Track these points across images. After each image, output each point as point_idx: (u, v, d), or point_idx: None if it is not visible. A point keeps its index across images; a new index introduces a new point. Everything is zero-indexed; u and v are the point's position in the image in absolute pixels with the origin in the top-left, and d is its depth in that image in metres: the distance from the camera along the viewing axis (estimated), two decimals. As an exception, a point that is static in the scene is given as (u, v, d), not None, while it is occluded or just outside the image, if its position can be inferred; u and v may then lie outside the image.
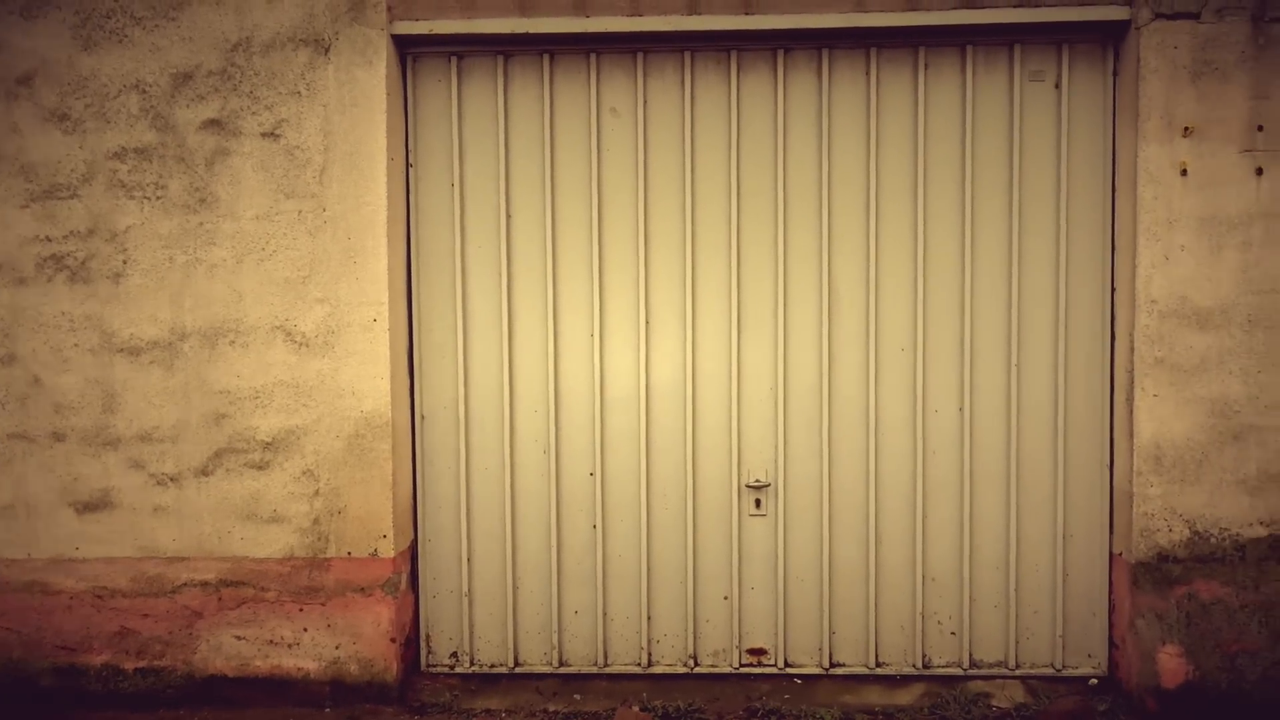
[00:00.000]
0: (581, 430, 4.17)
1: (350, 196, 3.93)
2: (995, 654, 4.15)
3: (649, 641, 4.20)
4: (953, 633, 4.15)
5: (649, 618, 4.21)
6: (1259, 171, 3.83)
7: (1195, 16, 3.83)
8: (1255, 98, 3.82)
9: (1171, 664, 3.90)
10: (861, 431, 4.12)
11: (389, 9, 4.00)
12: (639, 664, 4.20)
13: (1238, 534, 3.88)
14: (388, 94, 3.95)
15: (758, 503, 4.12)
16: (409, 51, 4.11)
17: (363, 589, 4.01)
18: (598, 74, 4.09)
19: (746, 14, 3.94)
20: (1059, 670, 4.12)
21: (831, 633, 4.17)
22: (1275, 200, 3.82)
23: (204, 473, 4.03)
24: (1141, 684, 3.89)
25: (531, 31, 3.97)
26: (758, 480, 4.12)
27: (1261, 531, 3.89)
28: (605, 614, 4.21)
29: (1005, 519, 4.12)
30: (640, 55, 4.08)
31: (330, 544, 4.00)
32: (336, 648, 4.01)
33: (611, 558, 4.20)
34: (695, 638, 4.21)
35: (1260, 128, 3.82)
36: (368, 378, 3.96)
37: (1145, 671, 3.89)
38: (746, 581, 4.18)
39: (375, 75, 3.94)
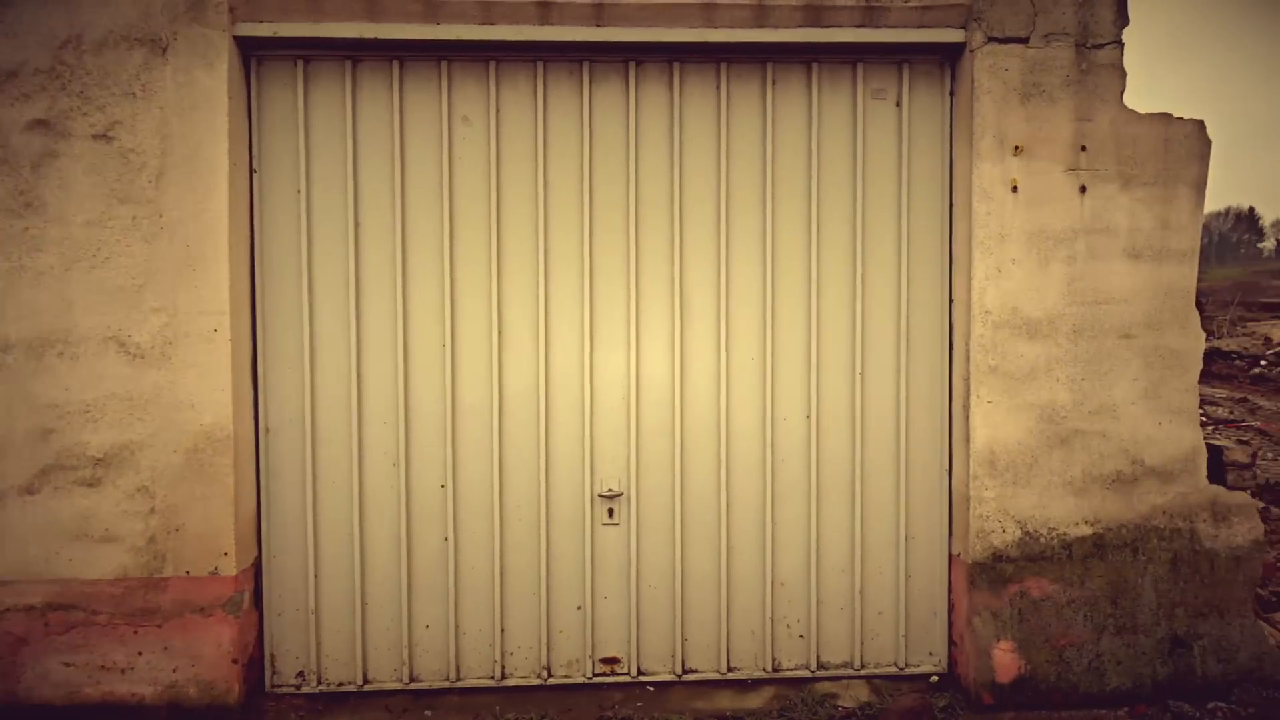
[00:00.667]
0: (433, 442, 4.37)
1: (189, 202, 4.05)
2: (842, 655, 4.53)
3: (502, 654, 4.44)
4: (801, 636, 4.52)
5: (502, 630, 4.44)
6: (1082, 190, 4.30)
7: (1024, 41, 4.28)
8: (1079, 120, 4.29)
9: (1005, 659, 4.34)
10: (713, 440, 4.44)
11: (231, 10, 4.13)
12: (492, 677, 4.43)
13: (1065, 533, 4.35)
14: (229, 97, 4.08)
15: (611, 512, 4.41)
16: (253, 54, 4.25)
17: (202, 609, 4.13)
18: (449, 82, 4.31)
19: (598, 25, 4.22)
20: (902, 669, 4.53)
21: (684, 640, 4.48)
22: (1097, 217, 4.31)
23: (29, 491, 4.08)
24: (978, 679, 4.32)
25: (380, 37, 4.16)
26: (610, 490, 4.40)
27: (1086, 530, 4.36)
28: (458, 628, 4.42)
29: (851, 523, 4.50)
30: (493, 64, 4.31)
31: (167, 563, 4.10)
32: (174, 671, 4.11)
33: (464, 570, 4.41)
34: (549, 649, 4.46)
35: (1084, 148, 4.30)
36: (208, 390, 4.09)
37: (981, 667, 4.32)
38: (600, 591, 4.46)
39: (216, 77, 4.07)
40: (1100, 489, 4.32)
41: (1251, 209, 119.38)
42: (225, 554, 4.09)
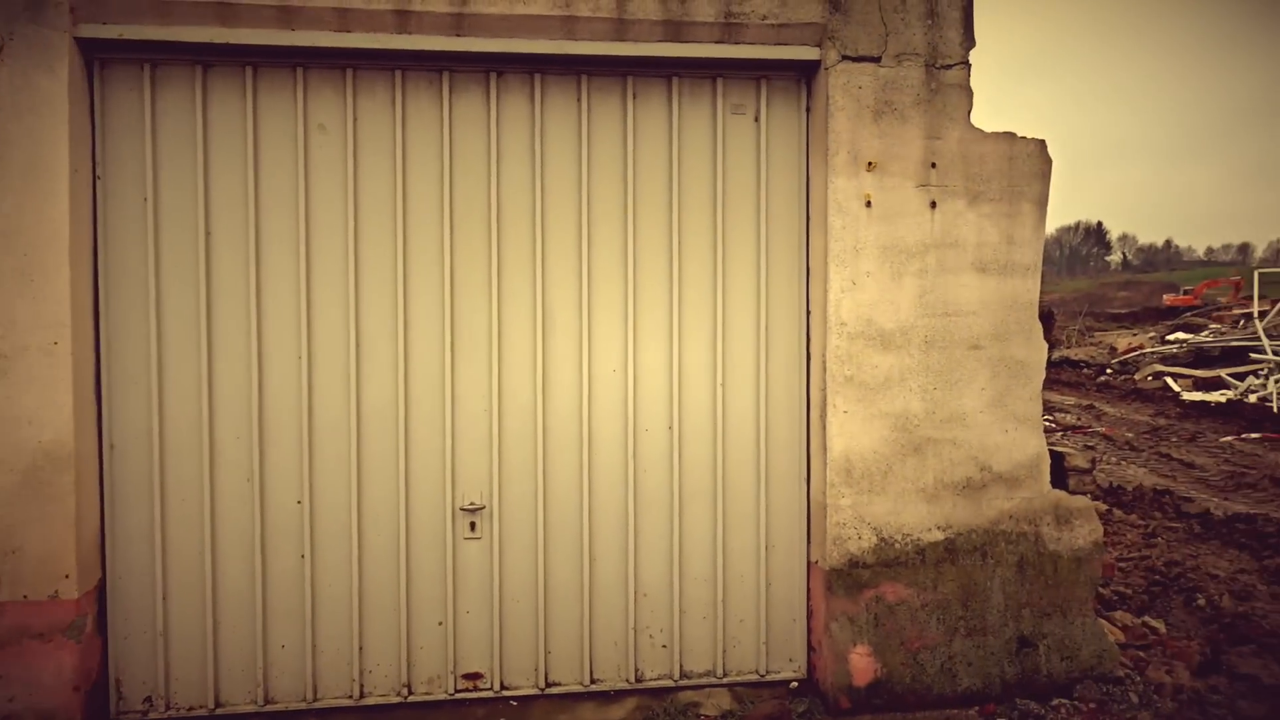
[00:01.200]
0: (289, 456, 4.48)
1: (28, 209, 4.08)
2: (704, 664, 4.80)
3: (361, 672, 4.57)
4: (664, 645, 4.77)
5: (361, 648, 4.58)
6: (933, 205, 4.66)
7: (877, 60, 4.62)
8: (929, 137, 4.65)
9: (862, 663, 4.66)
10: (575, 452, 4.66)
11: (72, 10, 4.16)
12: (350, 696, 4.56)
13: (919, 539, 4.70)
14: (71, 101, 4.12)
15: (473, 525, 4.59)
16: (97, 57, 4.29)
17: (41, 634, 4.16)
18: (305, 89, 4.43)
19: (457, 35, 4.40)
20: (763, 676, 4.82)
21: (547, 652, 4.68)
22: (947, 232, 4.67)
23: None
24: (836, 684, 4.63)
25: (232, 42, 4.25)
26: (472, 503, 4.58)
27: (939, 536, 4.72)
28: (315, 647, 4.54)
29: (713, 533, 4.77)
30: (350, 72, 4.45)
31: (3, 587, 4.11)
32: (10, 700, 4.13)
33: (321, 588, 4.53)
34: (409, 666, 4.61)
35: (934, 165, 4.66)
36: (48, 406, 4.12)
37: (839, 671, 4.64)
38: (462, 606, 4.63)
39: (56, 80, 4.10)
40: (951, 495, 4.68)
41: (1100, 224, 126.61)
42: (66, 576, 4.13)
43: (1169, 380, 17.49)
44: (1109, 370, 19.76)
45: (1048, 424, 14.30)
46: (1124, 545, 7.17)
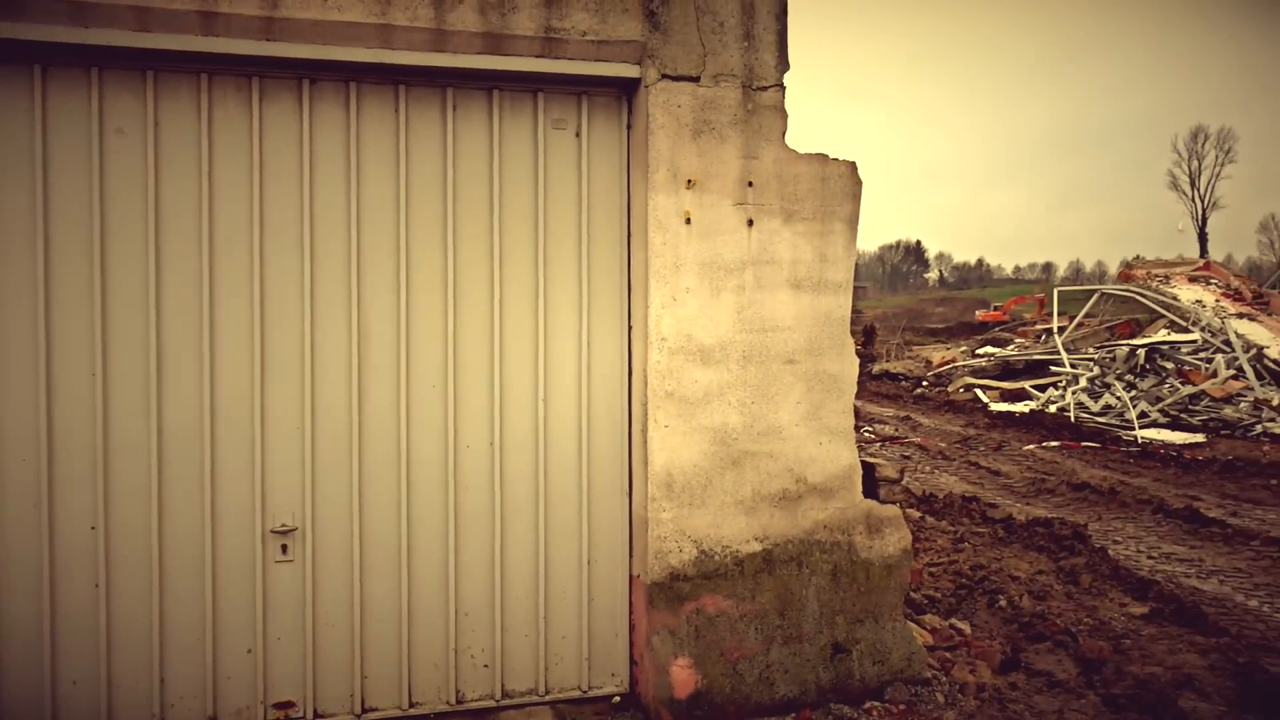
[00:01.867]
0: (82, 479, 4.40)
1: None
2: (527, 682, 5.00)
3: (162, 706, 4.53)
4: (486, 665, 4.95)
5: (162, 680, 4.54)
6: (750, 223, 5.03)
7: (696, 80, 4.96)
8: (746, 157, 5.03)
9: (683, 675, 4.98)
10: (394, 470, 4.77)
11: None
12: (151, 732, 4.55)
13: (738, 550, 5.06)
14: None
15: (284, 548, 4.65)
16: None
17: None
18: (101, 91, 4.39)
19: (268, 40, 4.47)
20: (586, 691, 5.06)
21: (364, 677, 4.78)
22: (763, 249, 5.06)
23: None
24: (657, 696, 4.92)
25: (18, 38, 4.22)
26: (284, 525, 4.65)
27: (757, 547, 5.09)
28: (110, 682, 4.47)
29: (535, 549, 4.98)
30: (151, 74, 4.45)
31: None
32: None
33: (118, 618, 4.48)
34: (215, 698, 4.61)
35: (751, 184, 5.03)
36: None
37: (661, 684, 4.93)
38: (273, 632, 4.68)
39: None
40: (769, 507, 5.07)
41: (919, 242, 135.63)
42: None
43: (979, 392, 18.83)
44: (925, 383, 21.09)
45: (868, 435, 15.20)
46: (935, 551, 7.80)
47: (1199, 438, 14.34)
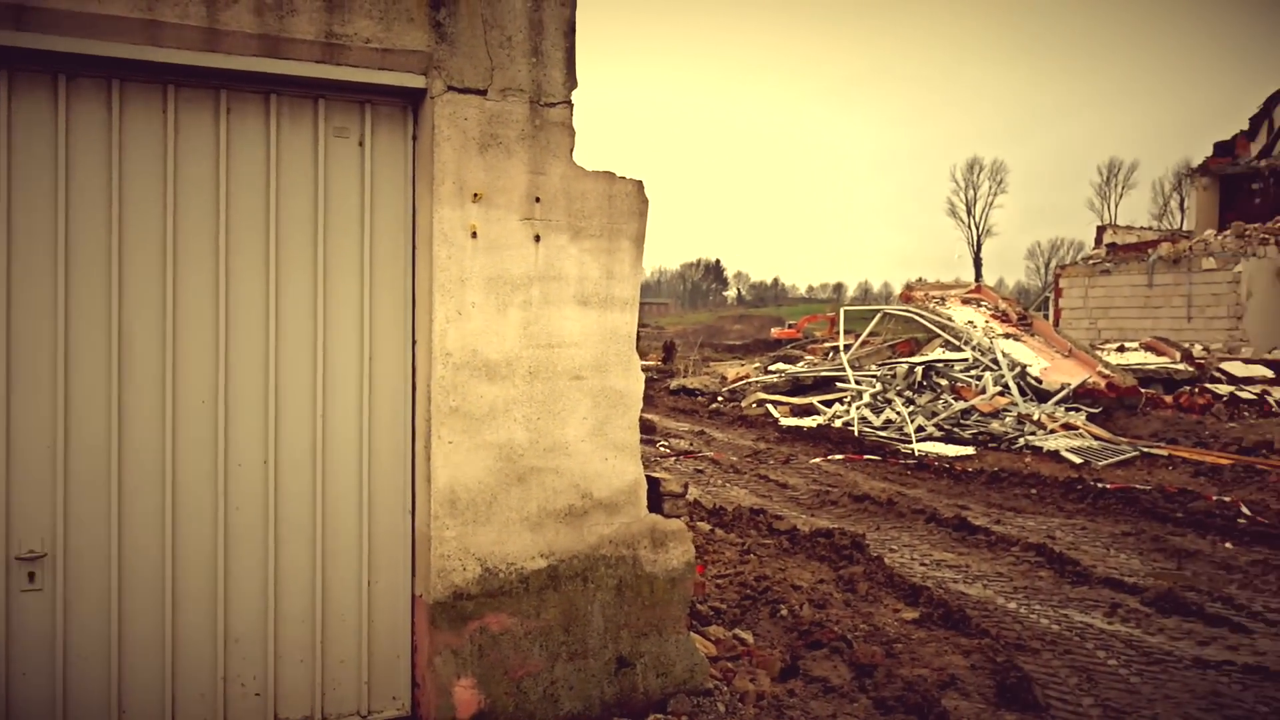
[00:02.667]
0: None
1: None
2: (302, 709, 4.81)
3: (-114, 754, 4.17)
4: (258, 694, 4.73)
5: (-114, 725, 4.18)
6: (537, 238, 5.05)
7: (483, 93, 4.94)
8: (533, 172, 5.04)
9: (466, 695, 4.92)
10: (157, 490, 4.50)
11: None
12: (-128, 783, 4.14)
13: (522, 567, 5.04)
14: None
15: (31, 576, 4.32)
16: None
17: None
18: None
19: (17, 30, 4.16)
20: (365, 716, 4.88)
21: (122, 712, 4.47)
22: (550, 265, 5.07)
23: None
24: (439, 718, 4.87)
25: None
26: (31, 551, 4.31)
27: (542, 564, 5.09)
28: None
29: (313, 570, 4.80)
30: (-120, 59, 4.11)
31: None
32: None
33: None
34: (-51, 741, 4.27)
35: (538, 199, 5.04)
36: None
37: (443, 706, 4.85)
38: (17, 667, 4.31)
39: None
40: (554, 523, 5.08)
41: (718, 261, 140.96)
42: None
43: (770, 407, 19.51)
44: (720, 398, 21.69)
45: (664, 449, 15.48)
46: (723, 563, 8.00)
47: (969, 450, 15.27)
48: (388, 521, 4.89)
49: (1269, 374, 20.88)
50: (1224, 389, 19.18)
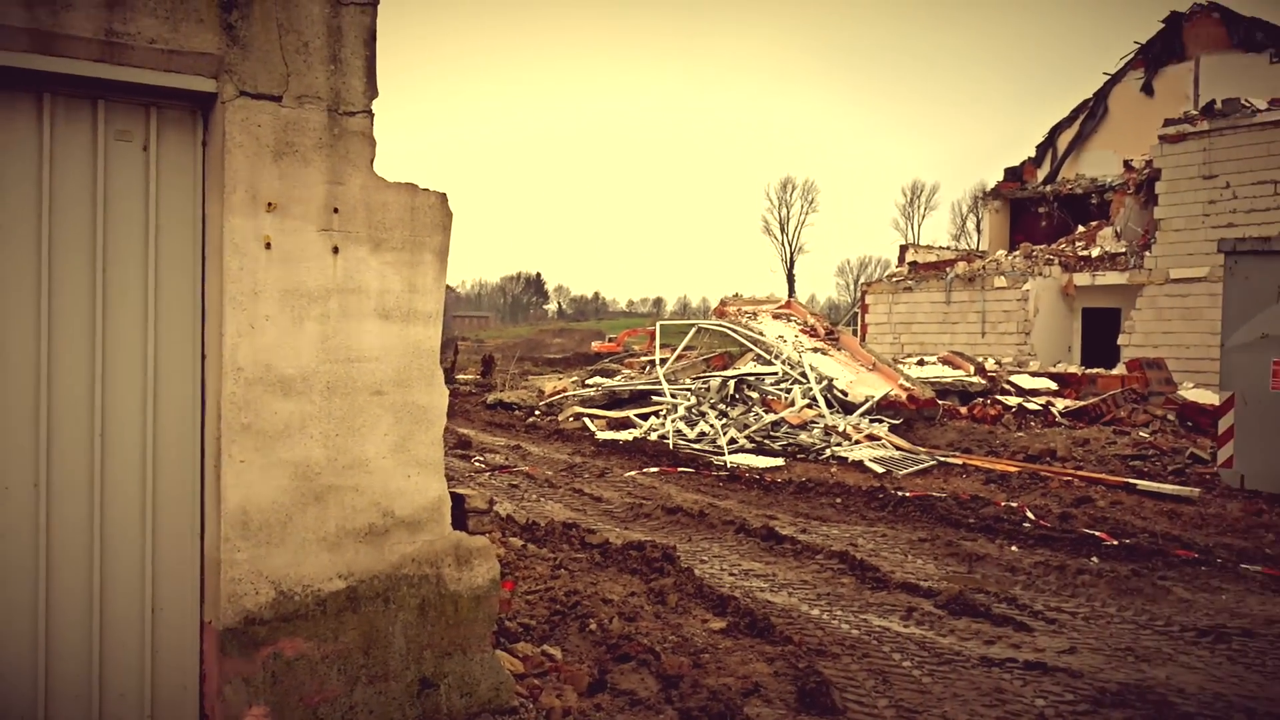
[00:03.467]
0: None
1: None
2: (76, 750, 4.56)
3: None
4: (26, 735, 4.45)
5: None
6: (335, 250, 4.91)
7: (278, 99, 4.79)
8: (332, 182, 4.91)
9: (259, 725, 4.75)
10: (-90, 518, 4.20)
11: None
12: None
13: (319, 589, 4.88)
14: None
15: None
16: None
17: None
18: None
19: None
20: (148, 753, 4.70)
21: None
22: (349, 277, 4.95)
23: None
24: (230, 751, 4.66)
25: None
26: None
27: (341, 585, 4.95)
28: None
29: (89, 601, 4.50)
30: None
31: None
32: None
33: None
34: None
35: (336, 210, 4.92)
36: None
37: (234, 738, 4.68)
38: None
39: None
40: (354, 543, 4.95)
41: (539, 274, 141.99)
42: None
43: (587, 421, 19.63)
44: (538, 412, 21.68)
45: (479, 464, 15.34)
46: (534, 578, 7.97)
47: (779, 462, 15.73)
48: (175, 546, 4.66)
49: (1053, 386, 22.33)
50: (1013, 400, 20.40)
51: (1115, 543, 10.32)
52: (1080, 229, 32.62)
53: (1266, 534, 11.00)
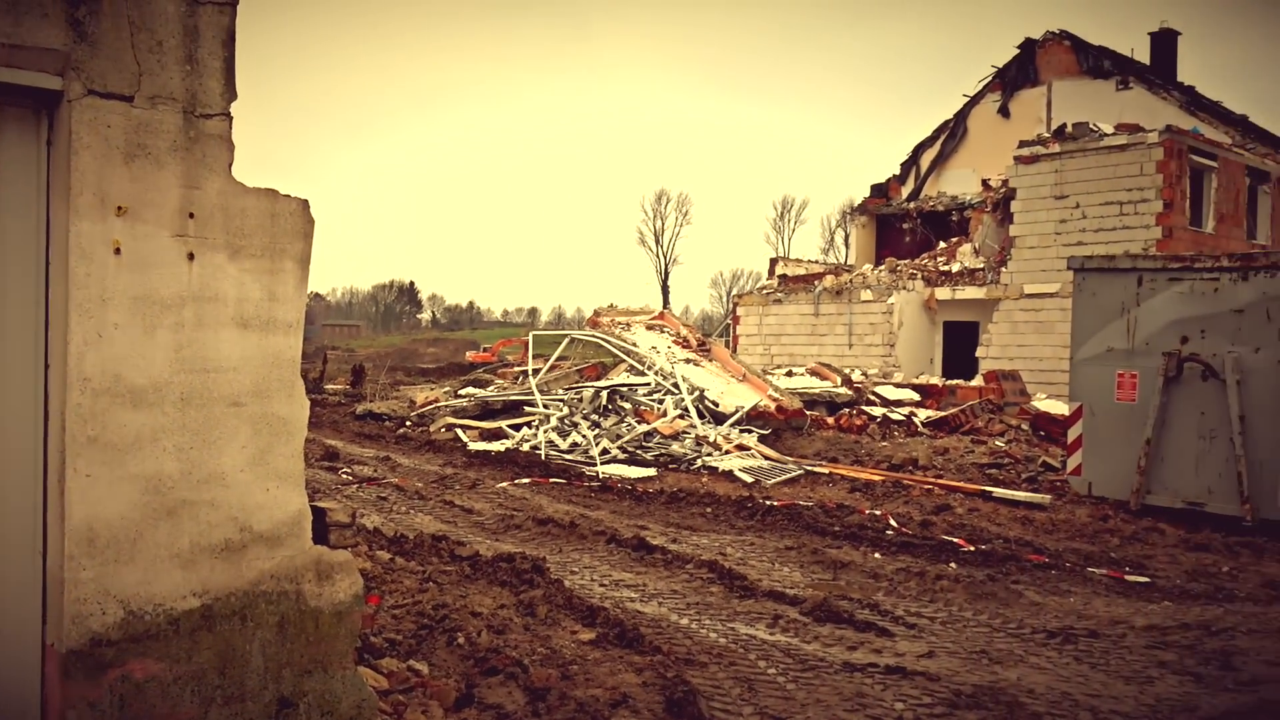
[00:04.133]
0: None
1: None
2: (-98, 784, 4.29)
3: None
4: None
5: None
6: (191, 257, 4.75)
7: (129, 100, 4.60)
8: (187, 186, 4.73)
9: (105, 752, 4.54)
10: None
11: None
12: None
13: (172, 608, 4.69)
14: None
15: None
16: None
17: None
18: None
19: None
20: (-18, 785, 4.46)
21: None
22: (206, 285, 4.79)
23: None
24: (73, 780, 4.45)
25: None
26: None
27: (195, 603, 4.77)
28: None
29: (-82, 625, 4.31)
30: None
31: None
32: None
33: None
34: None
35: (192, 215, 4.75)
36: None
37: (77, 765, 4.46)
38: None
39: None
40: (209, 559, 4.78)
41: (412, 283, 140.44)
42: None
43: (459, 432, 19.43)
44: (409, 423, 21.35)
45: (346, 476, 15.03)
46: (401, 592, 7.85)
47: (651, 472, 15.84)
48: (14, 566, 4.44)
49: (916, 397, 23.05)
50: (878, 411, 20.98)
51: (972, 549, 10.70)
52: (942, 245, 33.78)
53: (1111, 538, 11.56)
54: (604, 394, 19.31)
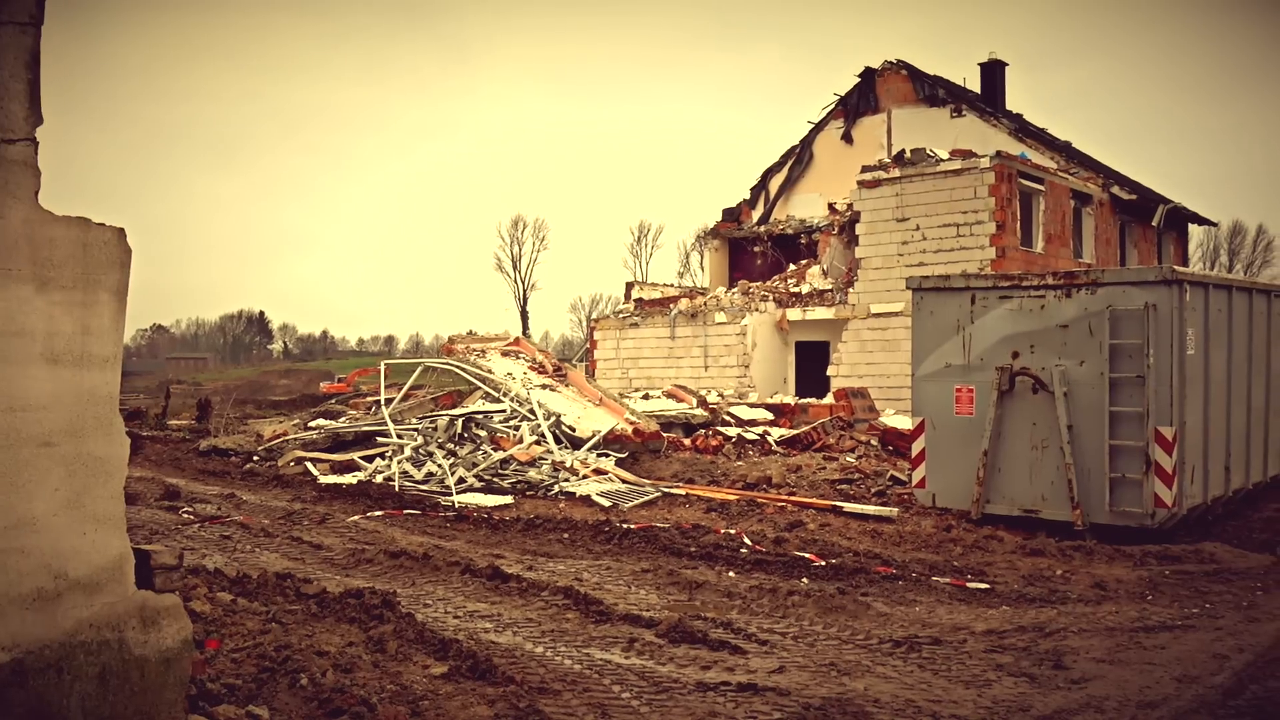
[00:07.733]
0: None
1: None
2: None
3: None
4: None
5: None
6: (-6, 289, 4.51)
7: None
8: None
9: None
10: None
11: None
12: None
13: (-22, 665, 4.42)
14: None
15: None
16: None
17: None
18: None
19: None
20: None
21: None
22: (11, 319, 4.40)
23: None
24: None
25: None
26: None
27: (4, 658, 4.40)
28: None
29: None
30: None
31: None
32: None
33: None
34: None
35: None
36: None
37: None
38: None
39: None
40: (20, 610, 4.48)
41: (262, 313, 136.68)
42: None
43: (309, 465, 18.86)
44: (256, 458, 20.64)
45: (188, 516, 14.41)
46: (242, 634, 7.52)
47: (508, 500, 15.67)
48: None
49: (770, 416, 23.46)
50: (733, 431, 21.26)
51: (824, 563, 10.91)
52: (792, 267, 34.59)
53: (955, 547, 11.95)
54: (459, 422, 19.04)
